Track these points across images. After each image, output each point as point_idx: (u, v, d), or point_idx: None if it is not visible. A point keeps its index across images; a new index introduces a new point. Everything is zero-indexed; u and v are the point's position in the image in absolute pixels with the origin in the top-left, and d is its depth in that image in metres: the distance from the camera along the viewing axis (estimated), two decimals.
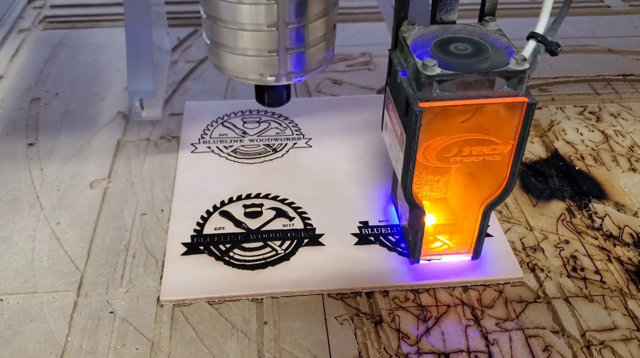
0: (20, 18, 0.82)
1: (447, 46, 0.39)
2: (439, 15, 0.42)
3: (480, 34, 0.41)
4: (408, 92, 0.38)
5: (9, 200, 0.53)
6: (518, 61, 0.37)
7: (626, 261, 0.48)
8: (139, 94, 0.51)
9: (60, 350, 0.41)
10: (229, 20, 0.47)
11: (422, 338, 0.42)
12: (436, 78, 0.37)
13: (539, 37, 0.38)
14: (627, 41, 0.78)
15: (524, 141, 0.39)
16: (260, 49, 0.48)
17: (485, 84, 0.37)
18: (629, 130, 0.62)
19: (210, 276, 0.46)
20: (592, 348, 0.42)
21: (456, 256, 0.47)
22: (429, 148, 0.39)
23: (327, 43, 0.51)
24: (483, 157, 0.40)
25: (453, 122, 0.38)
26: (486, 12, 0.42)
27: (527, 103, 0.38)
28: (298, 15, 0.47)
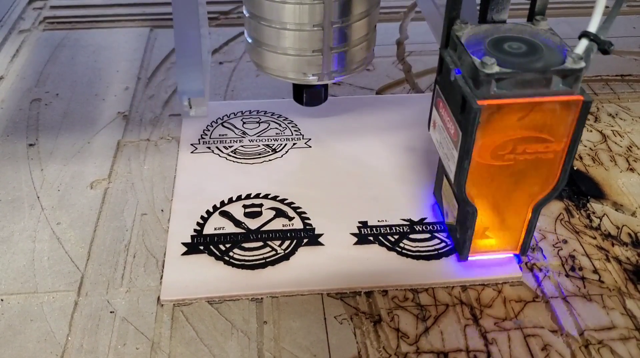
0: (21, 19, 0.82)
1: (501, 44, 0.40)
2: (490, 14, 0.43)
3: (532, 33, 0.41)
4: (465, 90, 0.38)
5: (10, 200, 0.53)
6: (574, 60, 0.38)
7: (624, 261, 0.48)
8: (188, 93, 0.51)
9: (61, 349, 0.41)
10: (274, 20, 0.48)
11: (421, 337, 0.42)
12: (495, 76, 0.37)
13: (591, 36, 0.38)
14: (625, 42, 0.78)
15: (578, 139, 0.40)
16: (305, 48, 0.48)
17: (542, 83, 0.38)
18: (627, 130, 0.62)
19: (210, 276, 0.46)
20: (590, 348, 0.42)
21: (503, 253, 0.47)
22: (484, 145, 0.39)
23: (368, 43, 0.51)
24: (536, 155, 0.40)
25: (509, 120, 0.39)
26: (536, 11, 0.43)
27: (582, 101, 0.38)
28: (343, 14, 0.48)
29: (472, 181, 0.41)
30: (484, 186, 0.42)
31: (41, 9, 0.85)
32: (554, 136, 0.40)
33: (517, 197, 0.43)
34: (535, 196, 0.43)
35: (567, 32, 0.76)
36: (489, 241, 0.46)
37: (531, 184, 0.42)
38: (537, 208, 0.44)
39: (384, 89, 0.69)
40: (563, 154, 0.40)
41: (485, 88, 0.37)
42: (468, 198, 0.42)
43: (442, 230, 0.50)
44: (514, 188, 0.42)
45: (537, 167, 0.41)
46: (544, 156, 0.40)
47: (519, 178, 0.42)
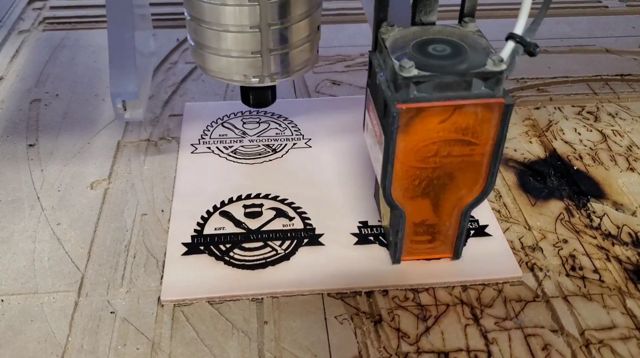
0: (20, 19, 0.82)
1: (426, 47, 0.39)
2: (419, 16, 0.43)
3: (460, 35, 0.41)
4: (386, 93, 0.38)
5: (10, 201, 0.53)
6: (495, 62, 0.37)
7: (625, 260, 0.48)
8: (121, 95, 0.51)
9: (61, 350, 0.41)
10: (213, 22, 0.47)
11: (422, 337, 0.42)
12: (413, 79, 0.37)
13: (517, 38, 0.38)
14: (625, 41, 0.78)
15: (502, 141, 0.39)
16: (244, 50, 0.48)
17: (462, 85, 0.37)
18: (627, 130, 0.62)
19: (210, 276, 0.46)
20: (591, 347, 0.42)
21: (437, 257, 0.47)
22: (407, 149, 0.39)
23: (311, 44, 0.51)
24: (462, 158, 0.40)
25: (431, 123, 0.38)
26: (465, 13, 0.42)
27: (504, 104, 0.38)
28: (281, 16, 0.47)
29: (399, 184, 0.41)
30: (411, 189, 0.42)
31: (41, 10, 0.85)
32: (478, 139, 0.39)
33: (446, 200, 0.43)
34: (464, 199, 0.43)
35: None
36: (423, 245, 0.46)
37: (459, 188, 0.42)
38: (466, 211, 0.43)
39: None
40: (490, 156, 0.40)
41: (404, 92, 0.37)
42: (395, 201, 0.42)
43: None
44: (442, 191, 0.42)
45: (464, 170, 0.41)
46: (470, 159, 0.40)
47: (446, 181, 0.42)
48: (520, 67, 0.72)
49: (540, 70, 0.72)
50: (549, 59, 0.75)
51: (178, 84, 0.69)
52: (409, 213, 0.43)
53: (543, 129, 0.62)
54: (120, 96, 0.51)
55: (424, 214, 0.44)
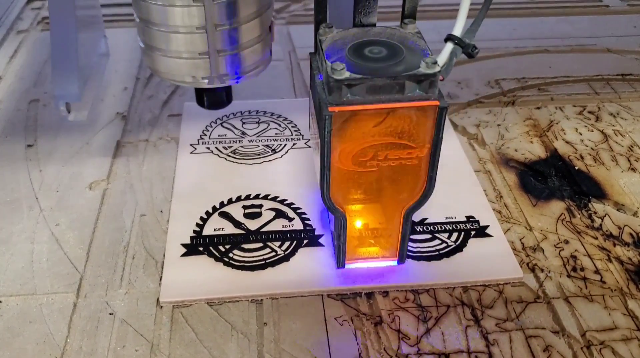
0: (19, 19, 0.82)
1: (362, 49, 0.39)
2: (358, 17, 0.42)
3: (400, 37, 0.40)
4: (321, 96, 0.38)
5: (8, 202, 0.53)
6: (428, 64, 0.37)
7: (626, 261, 0.48)
8: (64, 97, 0.51)
9: (60, 351, 0.41)
10: (160, 23, 0.47)
11: (422, 338, 0.42)
12: (344, 82, 0.36)
13: (455, 40, 0.38)
14: (626, 41, 0.78)
15: (439, 145, 0.39)
16: (192, 51, 0.47)
17: (395, 88, 0.37)
18: (628, 130, 0.62)
19: (209, 278, 0.46)
20: (592, 348, 0.42)
21: (382, 261, 0.46)
22: (343, 152, 0.39)
23: (262, 44, 0.50)
24: (400, 161, 0.40)
25: (365, 126, 0.38)
26: (406, 14, 0.42)
27: (438, 107, 0.37)
28: (228, 17, 0.46)
29: (337, 187, 0.41)
30: (350, 192, 0.42)
31: (39, 9, 0.85)
32: (415, 142, 0.39)
33: (387, 204, 0.43)
34: (405, 202, 0.42)
35: None
36: (369, 248, 0.45)
37: (399, 191, 0.42)
38: (407, 215, 0.43)
39: None
40: (427, 160, 0.40)
41: (336, 94, 0.36)
42: (334, 205, 0.42)
43: (443, 230, 0.50)
44: (381, 194, 0.42)
45: (402, 173, 0.40)
46: (408, 163, 0.40)
47: (386, 185, 0.41)
48: (521, 66, 0.72)
49: (541, 70, 0.72)
50: (550, 58, 0.74)
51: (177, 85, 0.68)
52: (350, 217, 0.43)
53: (544, 129, 0.62)
54: (63, 97, 0.51)
55: (366, 218, 0.44)
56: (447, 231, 0.49)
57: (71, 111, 0.52)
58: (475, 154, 0.59)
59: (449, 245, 0.48)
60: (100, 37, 0.68)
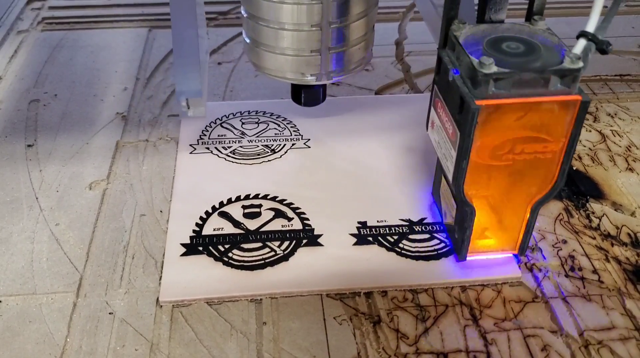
0: (19, 19, 0.82)
1: (499, 44, 0.40)
2: (488, 14, 0.43)
3: (529, 33, 0.41)
4: (463, 90, 0.38)
5: (8, 201, 0.53)
6: (572, 60, 0.38)
7: (624, 261, 0.48)
8: (186, 93, 0.51)
9: (60, 351, 0.41)
10: (272, 20, 0.47)
11: (421, 338, 0.42)
12: (493, 76, 0.37)
13: (589, 36, 0.38)
14: (624, 41, 0.78)
15: (576, 139, 0.40)
16: (303, 48, 0.48)
17: (540, 82, 0.38)
18: (626, 130, 0.62)
19: (209, 277, 0.46)
20: (590, 348, 0.42)
21: (501, 253, 0.47)
22: (482, 145, 0.39)
23: (366, 43, 0.51)
24: (534, 155, 0.40)
25: (508, 120, 0.38)
26: (534, 11, 0.42)
27: (580, 101, 0.38)
28: (341, 15, 0.48)
29: (471, 181, 0.41)
30: (482, 186, 0.42)
31: (39, 10, 0.85)
32: (552, 136, 0.40)
33: (515, 197, 0.43)
34: (534, 196, 0.43)
35: (566, 31, 0.76)
36: (488, 241, 0.46)
37: (529, 184, 0.42)
38: (535, 208, 0.43)
39: (383, 89, 0.68)
40: (561, 154, 0.40)
41: (483, 88, 0.37)
42: (466, 198, 0.42)
43: (441, 230, 0.50)
44: (512, 188, 0.42)
45: (535, 167, 0.41)
46: (542, 156, 0.40)
47: (517, 178, 0.42)
48: None
49: None
50: None
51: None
52: (478, 210, 0.43)
53: None
54: (184, 94, 0.51)
55: (492, 210, 0.44)
56: (445, 231, 0.50)
57: (190, 107, 0.52)
58: None
59: (447, 245, 0.48)
60: (205, 35, 0.67)
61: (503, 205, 0.44)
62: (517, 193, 0.43)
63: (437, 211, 0.51)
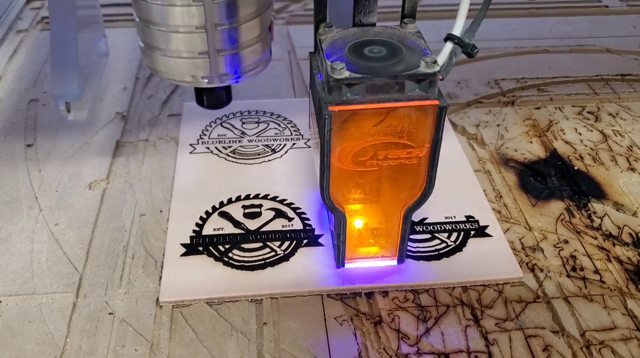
0: (18, 19, 0.82)
1: (362, 49, 0.39)
2: (358, 17, 0.42)
3: (400, 37, 0.40)
4: (321, 95, 0.38)
5: (8, 201, 0.53)
6: (428, 64, 0.36)
7: (625, 261, 0.48)
8: (64, 97, 0.51)
9: (60, 351, 0.41)
10: (160, 23, 0.47)
11: (422, 338, 0.42)
12: (344, 81, 0.36)
13: (455, 39, 0.38)
14: (625, 41, 0.78)
15: (438, 144, 0.39)
16: (191, 51, 0.47)
17: (395, 88, 0.37)
18: (628, 130, 0.62)
19: (209, 277, 0.46)
20: (591, 348, 0.42)
21: (382, 261, 0.46)
22: (343, 151, 0.39)
23: (262, 44, 0.50)
24: (399, 161, 0.40)
25: (365, 125, 0.38)
26: (406, 14, 0.42)
27: (438, 106, 0.37)
28: (228, 16, 0.46)
29: (337, 186, 0.41)
30: (350, 192, 0.42)
31: (39, 9, 0.84)
32: (414, 142, 0.39)
33: (386, 203, 0.43)
34: (405, 202, 0.42)
35: None
36: (369, 248, 0.45)
37: (399, 191, 0.42)
38: (407, 214, 0.43)
39: None
40: (427, 159, 0.40)
41: (336, 94, 0.36)
42: (333, 204, 0.42)
43: (442, 230, 0.50)
44: (383, 193, 0.42)
45: (402, 173, 0.41)
46: (407, 162, 0.40)
47: (386, 184, 0.41)
48: (520, 67, 0.72)
49: (540, 70, 0.72)
50: (549, 58, 0.74)
51: (176, 84, 0.68)
52: (350, 216, 0.43)
53: (543, 129, 0.62)
54: (63, 97, 0.51)
55: (365, 217, 0.44)
56: (446, 231, 0.49)
57: (71, 111, 0.52)
58: (474, 154, 0.59)
59: (448, 245, 0.48)
60: (100, 37, 0.68)
61: (376, 211, 0.43)
62: (388, 199, 0.42)
63: (327, 217, 0.50)
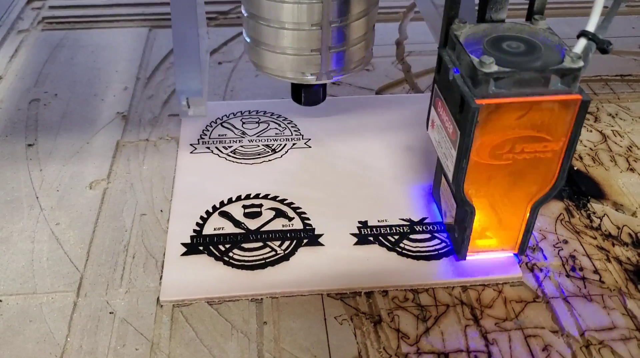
0: (19, 19, 0.82)
1: (499, 44, 0.40)
2: (489, 13, 0.43)
3: (530, 33, 0.41)
4: (463, 89, 0.38)
5: (9, 201, 0.53)
6: (573, 59, 0.38)
7: (625, 261, 0.48)
8: (186, 93, 0.51)
9: (60, 350, 0.41)
10: (272, 19, 0.48)
11: (422, 338, 0.42)
12: (493, 75, 0.37)
13: (590, 35, 0.38)
14: (625, 42, 0.78)
15: (576, 138, 0.40)
16: (303, 47, 0.48)
17: (540, 82, 0.38)
18: (627, 130, 0.62)
19: (209, 277, 0.46)
20: (591, 348, 0.42)
21: (501, 253, 0.47)
22: (482, 144, 0.39)
23: (366, 42, 0.51)
24: (535, 154, 0.40)
25: (508, 119, 0.38)
26: (535, 10, 0.42)
27: (581, 100, 0.38)
28: (341, 14, 0.48)
29: (471, 180, 0.41)
30: (482, 185, 0.42)
31: (40, 9, 0.85)
32: (552, 136, 0.40)
33: (515, 196, 0.43)
34: (534, 195, 0.43)
35: (567, 31, 0.76)
36: (488, 240, 0.46)
37: (529, 184, 0.42)
38: (535, 207, 0.43)
39: (384, 89, 0.68)
40: (561, 153, 0.40)
41: (483, 87, 0.37)
42: (466, 198, 0.42)
43: (442, 230, 0.50)
44: (512, 187, 0.42)
45: (535, 166, 0.41)
46: (542, 156, 0.40)
47: (517, 177, 0.42)
48: None
49: None
50: None
51: None
52: (478, 209, 0.43)
53: None
54: (185, 93, 0.51)
55: (492, 210, 0.44)
56: (446, 231, 0.49)
57: (190, 106, 0.52)
58: None
59: (448, 245, 0.48)
60: (205, 34, 0.67)
61: (503, 204, 0.44)
62: (517, 193, 0.43)
63: (438, 210, 0.51)
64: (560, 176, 0.42)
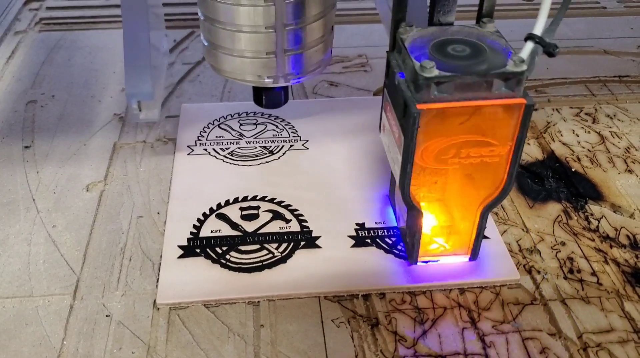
0: (17, 20, 0.82)
1: (445, 47, 0.39)
2: (437, 16, 0.43)
3: (478, 36, 0.41)
4: (406, 94, 0.38)
5: (5, 203, 0.53)
6: (516, 63, 0.37)
7: (622, 263, 0.48)
8: (137, 96, 0.51)
9: (56, 354, 0.41)
10: (227, 22, 0.47)
11: (419, 340, 0.42)
12: (434, 80, 0.36)
13: (536, 39, 0.38)
14: (623, 42, 0.78)
15: (522, 142, 0.39)
16: (258, 50, 0.48)
17: (483, 86, 0.37)
18: (625, 131, 0.62)
19: (206, 279, 0.46)
20: (588, 350, 0.42)
21: (453, 258, 0.46)
22: (426, 149, 0.39)
23: (324, 45, 0.51)
24: (481, 158, 0.40)
25: (451, 123, 0.38)
26: (484, 13, 0.42)
27: (525, 105, 0.38)
28: (296, 16, 0.47)
29: (417, 184, 0.41)
30: (429, 190, 0.42)
31: (37, 10, 0.84)
32: (498, 140, 0.39)
33: (464, 201, 0.43)
34: (483, 199, 0.43)
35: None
36: (440, 245, 0.46)
37: (478, 188, 0.42)
38: (485, 212, 0.43)
39: (381, 90, 0.68)
40: (508, 157, 0.40)
41: (425, 92, 0.37)
42: (413, 202, 0.42)
43: None
44: (461, 191, 0.42)
45: (483, 171, 0.41)
46: (489, 160, 0.40)
47: (465, 182, 0.42)
48: None
49: (538, 71, 0.72)
50: (546, 60, 0.74)
51: (175, 85, 0.68)
52: (428, 214, 0.43)
53: (541, 130, 0.62)
54: (136, 96, 0.51)
55: (442, 214, 0.44)
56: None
57: (142, 110, 0.51)
58: None
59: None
60: (162, 36, 0.67)
61: (453, 209, 0.43)
62: (467, 197, 0.43)
63: (394, 214, 0.51)
64: (508, 181, 0.41)
